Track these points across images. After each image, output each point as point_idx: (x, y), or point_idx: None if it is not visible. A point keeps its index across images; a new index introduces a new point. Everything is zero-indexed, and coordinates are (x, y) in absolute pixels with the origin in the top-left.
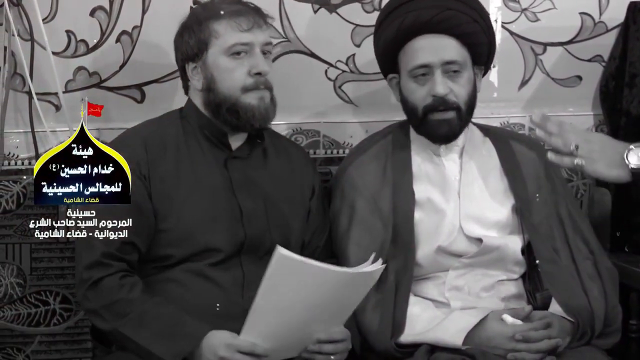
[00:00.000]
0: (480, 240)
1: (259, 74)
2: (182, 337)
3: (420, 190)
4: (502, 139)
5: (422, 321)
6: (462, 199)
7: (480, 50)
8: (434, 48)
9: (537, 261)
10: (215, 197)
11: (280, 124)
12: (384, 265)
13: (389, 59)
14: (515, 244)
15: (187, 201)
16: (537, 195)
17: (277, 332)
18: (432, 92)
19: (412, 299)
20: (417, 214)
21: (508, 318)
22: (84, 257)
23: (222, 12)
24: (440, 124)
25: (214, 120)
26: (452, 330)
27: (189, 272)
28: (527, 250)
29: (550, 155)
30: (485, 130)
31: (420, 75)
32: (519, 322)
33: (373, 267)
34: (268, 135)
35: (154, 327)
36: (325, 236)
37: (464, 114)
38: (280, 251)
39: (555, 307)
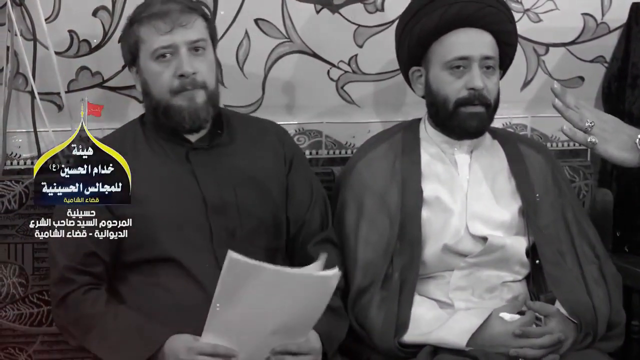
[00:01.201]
0: (485, 240)
1: (182, 75)
2: (142, 343)
3: (429, 189)
4: (510, 142)
5: (426, 321)
6: (469, 198)
7: (509, 51)
8: (475, 42)
9: (537, 261)
10: (177, 192)
11: (282, 124)
12: (340, 273)
13: (419, 51)
14: (520, 244)
15: (145, 200)
16: (538, 195)
17: (237, 333)
18: (470, 85)
19: (417, 298)
20: (425, 213)
21: (506, 315)
22: (51, 273)
23: (143, 16)
24: (472, 116)
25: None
26: (457, 331)
27: (173, 275)
28: (532, 252)
29: (565, 128)
30: (493, 132)
31: (456, 67)
32: (517, 316)
33: (329, 273)
34: (239, 122)
35: (115, 338)
36: (312, 209)
37: (491, 112)
38: (232, 255)
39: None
